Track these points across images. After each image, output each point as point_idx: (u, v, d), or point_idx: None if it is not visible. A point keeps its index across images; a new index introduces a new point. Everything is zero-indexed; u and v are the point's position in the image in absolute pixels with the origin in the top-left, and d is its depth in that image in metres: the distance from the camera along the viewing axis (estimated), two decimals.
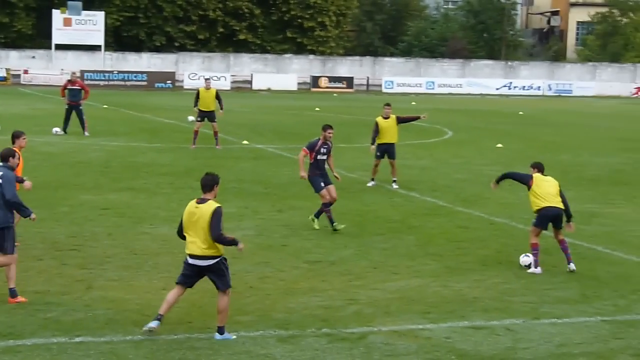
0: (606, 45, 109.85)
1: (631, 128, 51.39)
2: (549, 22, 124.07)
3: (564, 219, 17.70)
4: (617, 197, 27.02)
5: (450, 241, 20.17)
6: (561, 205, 17.51)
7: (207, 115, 35.31)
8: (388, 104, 27.88)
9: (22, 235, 19.12)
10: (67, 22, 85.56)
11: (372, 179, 27.60)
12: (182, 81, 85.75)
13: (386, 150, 27.45)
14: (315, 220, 21.20)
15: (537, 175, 17.76)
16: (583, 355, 12.85)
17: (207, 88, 35.71)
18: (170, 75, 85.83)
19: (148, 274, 16.49)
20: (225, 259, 13.23)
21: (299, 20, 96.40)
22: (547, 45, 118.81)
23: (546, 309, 15.09)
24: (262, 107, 61.91)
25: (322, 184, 21.23)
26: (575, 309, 15.13)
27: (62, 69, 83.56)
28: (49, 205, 22.58)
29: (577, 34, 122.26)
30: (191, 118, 46.62)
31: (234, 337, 13.11)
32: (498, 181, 18.75)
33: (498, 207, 24.63)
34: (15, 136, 17.50)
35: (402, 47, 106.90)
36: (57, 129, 39.59)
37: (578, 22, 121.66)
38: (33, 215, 14.77)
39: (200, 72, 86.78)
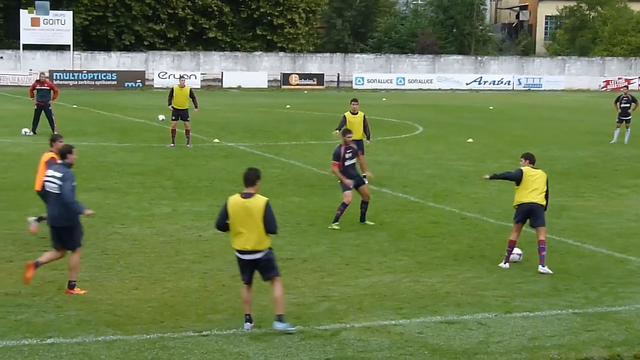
0: (575, 39, 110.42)
1: (600, 121, 51.66)
2: (517, 16, 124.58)
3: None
4: (587, 190, 27.16)
5: (422, 236, 20.21)
6: (540, 201, 17.48)
7: (180, 114, 35.27)
8: (355, 100, 27.89)
9: None
10: (34, 22, 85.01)
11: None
12: (152, 80, 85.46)
13: (355, 145, 27.42)
14: (334, 224, 21.04)
15: (526, 170, 17.61)
16: (555, 347, 12.91)
17: (182, 86, 35.67)
18: (140, 75, 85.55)
19: (120, 274, 16.43)
20: (272, 249, 13.50)
21: (269, 18, 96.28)
22: (517, 39, 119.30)
23: (518, 302, 15.15)
24: (232, 105, 61.83)
25: (351, 187, 21.20)
26: (547, 302, 15.19)
27: (30, 69, 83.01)
28: (19, 207, 22.47)
29: (546, 28, 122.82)
30: (161, 117, 46.56)
31: (294, 330, 13.27)
32: (490, 178, 18.55)
33: (469, 202, 24.70)
34: (53, 140, 18.08)
35: (372, 43, 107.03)
36: (26, 130, 39.38)
37: (547, 17, 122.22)
38: (88, 211, 15.00)
39: (170, 70, 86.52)
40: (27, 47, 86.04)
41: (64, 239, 15.17)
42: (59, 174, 14.99)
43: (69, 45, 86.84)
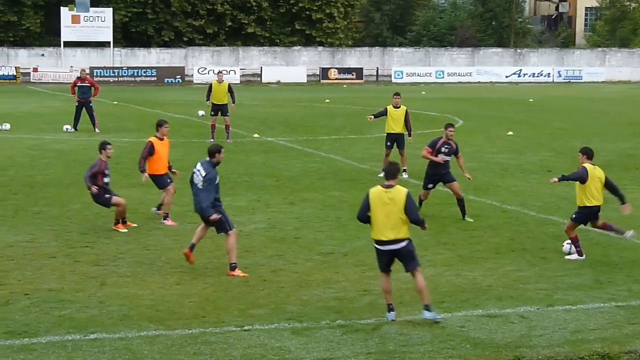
0: (615, 30, 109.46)
1: None
2: (557, 8, 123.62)
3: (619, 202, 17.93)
4: (629, 182, 26.93)
5: (463, 230, 20.15)
6: (602, 201, 17.65)
7: (219, 109, 35.45)
8: (397, 94, 27.92)
9: (34, 234, 19.20)
10: (75, 20, 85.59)
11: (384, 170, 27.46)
12: (191, 76, 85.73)
13: (395, 140, 27.48)
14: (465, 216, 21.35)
15: (590, 169, 17.55)
16: (598, 341, 12.83)
17: (220, 81, 35.83)
18: (180, 70, 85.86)
19: (161, 269, 16.51)
20: (411, 240, 13.77)
21: (307, 12, 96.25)
22: (556, 32, 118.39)
23: (560, 295, 15.07)
24: (271, 100, 61.87)
25: (431, 186, 21.52)
26: (589, 295, 15.11)
27: (71, 66, 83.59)
28: (61, 203, 22.64)
29: (586, 19, 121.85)
30: (201, 112, 46.71)
31: (441, 317, 13.56)
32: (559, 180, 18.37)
33: (510, 195, 24.59)
34: (159, 125, 20.88)
35: (410, 37, 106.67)
36: (67, 127, 39.63)
37: (586, 8, 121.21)
38: (214, 216, 16.11)
39: (210, 66, 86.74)
40: (68, 44, 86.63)
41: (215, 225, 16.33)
42: (204, 172, 16.20)
43: (109, 42, 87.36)
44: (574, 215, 17.83)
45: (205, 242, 18.55)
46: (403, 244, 13.58)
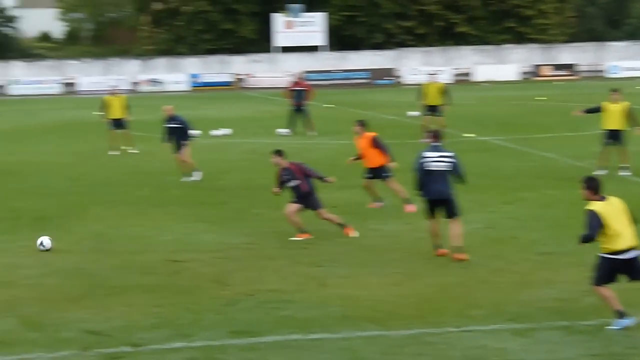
0: None
1: None
2: None
3: None
4: None
5: None
6: None
7: (432, 110, 35.68)
8: (615, 90, 27.25)
9: (255, 236, 19.69)
10: (288, 25, 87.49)
11: (602, 167, 26.78)
12: (402, 77, 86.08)
13: (614, 137, 26.77)
14: None
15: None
16: None
17: (431, 83, 36.02)
18: (391, 72, 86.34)
19: (379, 270, 16.61)
20: None
21: (518, 10, 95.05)
22: None
23: None
24: (484, 99, 61.33)
25: None
26: None
27: (285, 71, 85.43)
28: (279, 205, 23.08)
29: None
30: (410, 113, 46.84)
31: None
32: None
33: None
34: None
35: (626, 30, 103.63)
36: (282, 130, 40.47)
37: None
38: None
39: (420, 67, 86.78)
40: (282, 49, 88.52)
41: (448, 209, 17.48)
42: (448, 154, 17.76)
43: (321, 46, 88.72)
44: None
45: (421, 243, 18.53)
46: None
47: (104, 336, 13.09)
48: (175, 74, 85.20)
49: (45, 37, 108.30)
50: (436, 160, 17.55)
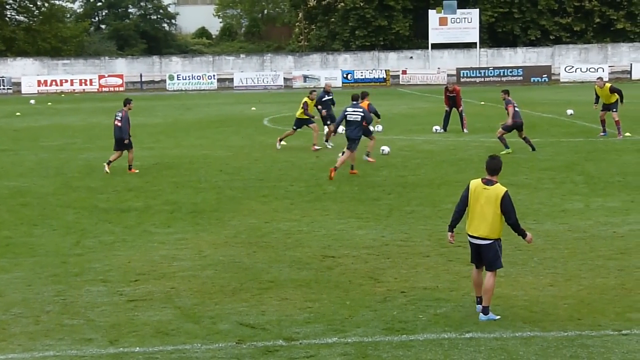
0: None
1: None
2: None
3: None
4: None
5: None
6: None
7: (606, 108, 36.57)
8: None
9: (408, 233, 19.65)
10: (442, 22, 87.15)
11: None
12: (558, 74, 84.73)
13: None
14: None
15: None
16: None
17: (601, 86, 36.61)
18: (547, 69, 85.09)
19: (534, 270, 16.36)
20: (500, 241, 13.67)
21: None
22: None
23: None
24: None
25: None
26: None
27: (438, 68, 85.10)
28: (433, 203, 23.01)
29: None
30: (570, 111, 46.09)
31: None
32: None
33: None
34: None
35: None
36: (437, 127, 40.30)
37: None
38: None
39: (577, 64, 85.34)
40: (435, 46, 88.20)
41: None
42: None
43: (475, 43, 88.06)
44: None
45: (578, 243, 18.19)
46: (489, 242, 13.59)
47: (258, 329, 13.24)
48: (328, 70, 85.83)
49: (202, 33, 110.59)
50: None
